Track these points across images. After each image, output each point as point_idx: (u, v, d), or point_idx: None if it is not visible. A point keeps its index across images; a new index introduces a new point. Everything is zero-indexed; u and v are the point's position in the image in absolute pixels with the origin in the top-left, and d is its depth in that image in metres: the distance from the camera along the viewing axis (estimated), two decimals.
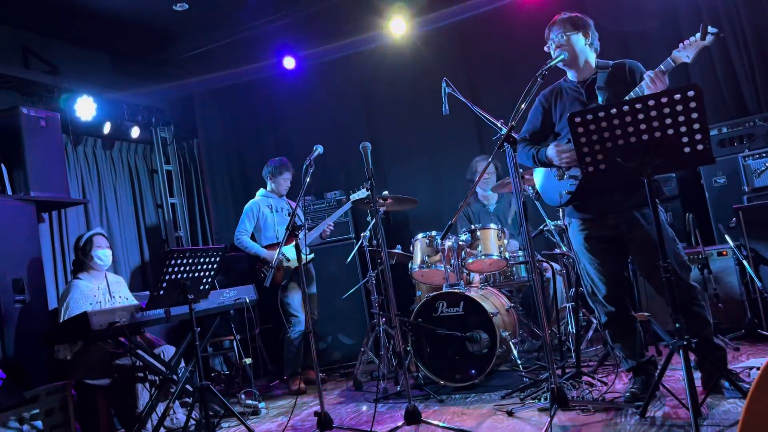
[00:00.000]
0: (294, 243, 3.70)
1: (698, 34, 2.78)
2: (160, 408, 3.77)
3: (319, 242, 5.41)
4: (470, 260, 4.38)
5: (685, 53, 2.83)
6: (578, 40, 3.12)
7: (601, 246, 3.18)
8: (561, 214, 4.25)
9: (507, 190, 4.80)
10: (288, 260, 4.98)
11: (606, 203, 3.09)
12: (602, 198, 3.08)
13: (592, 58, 3.17)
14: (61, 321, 3.90)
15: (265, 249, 5.06)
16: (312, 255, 5.24)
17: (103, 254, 4.21)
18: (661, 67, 2.87)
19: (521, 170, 3.23)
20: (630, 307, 3.27)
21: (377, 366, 4.54)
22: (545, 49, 3.20)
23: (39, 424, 3.51)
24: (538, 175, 3.42)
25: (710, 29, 2.75)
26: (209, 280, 3.73)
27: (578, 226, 3.24)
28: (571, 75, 3.24)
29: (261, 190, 5.30)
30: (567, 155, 3.06)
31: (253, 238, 5.16)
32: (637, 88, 2.92)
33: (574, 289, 4.04)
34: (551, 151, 3.13)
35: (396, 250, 4.99)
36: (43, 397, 3.62)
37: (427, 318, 4.20)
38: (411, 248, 4.69)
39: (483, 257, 4.36)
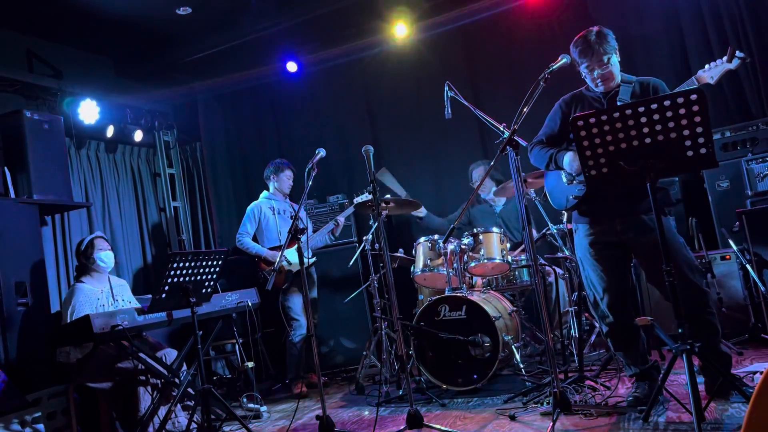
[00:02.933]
0: (296, 246, 3.70)
1: (725, 57, 2.78)
2: (162, 411, 3.77)
3: (323, 245, 5.41)
4: (473, 264, 4.38)
5: (709, 74, 2.84)
6: (615, 61, 3.09)
7: (606, 252, 3.16)
8: (565, 218, 4.25)
9: (510, 194, 4.80)
10: (289, 263, 4.98)
11: (614, 208, 3.07)
12: (610, 203, 3.07)
13: (619, 73, 3.15)
14: (66, 323, 3.90)
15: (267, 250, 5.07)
16: (314, 258, 5.24)
17: (105, 256, 4.21)
18: (685, 87, 2.86)
19: (523, 174, 3.24)
20: (633, 315, 3.24)
21: (379, 370, 4.53)
22: (596, 73, 3.06)
23: (41, 427, 3.52)
24: (549, 177, 3.41)
25: (738, 54, 2.76)
26: (211, 283, 3.73)
27: (585, 231, 3.22)
28: (594, 86, 3.21)
29: (264, 192, 5.31)
30: (577, 164, 3.04)
31: (255, 240, 5.16)
32: None
33: (576, 293, 4.03)
34: (568, 157, 3.10)
35: (398, 254, 4.98)
36: (45, 400, 3.63)
37: (430, 322, 4.19)
38: (413, 252, 4.69)
39: (485, 261, 4.35)
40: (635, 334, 3.22)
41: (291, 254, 4.95)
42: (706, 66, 2.86)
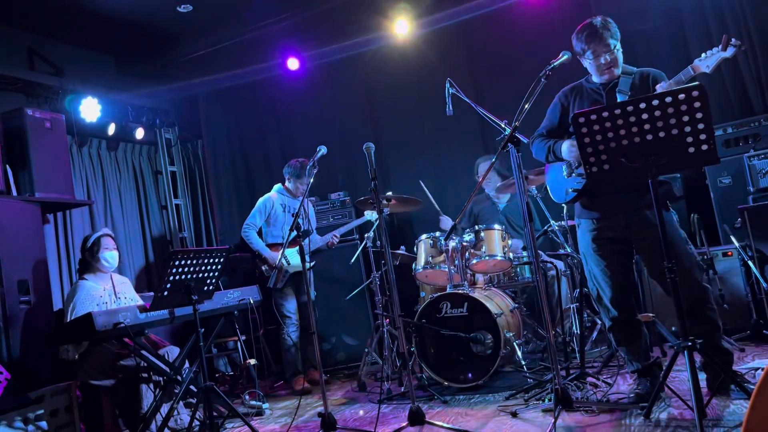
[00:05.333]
0: (297, 247, 3.69)
1: (720, 46, 2.77)
2: (165, 409, 3.78)
3: (325, 249, 5.42)
4: (474, 261, 4.38)
5: (705, 63, 2.83)
6: (620, 49, 3.10)
7: (609, 248, 3.16)
8: (564, 214, 4.24)
9: (512, 190, 4.79)
10: (288, 264, 4.96)
11: (617, 203, 3.08)
12: (613, 197, 3.07)
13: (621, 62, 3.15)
14: (67, 321, 3.91)
15: (269, 248, 5.06)
16: (313, 262, 5.21)
17: (110, 256, 4.21)
18: (681, 76, 2.86)
19: (525, 171, 3.24)
20: (636, 311, 3.25)
21: (381, 367, 4.54)
22: (577, 51, 3.10)
23: (44, 424, 3.52)
24: (549, 171, 3.41)
25: (733, 41, 2.75)
26: (213, 280, 3.73)
27: (588, 226, 3.22)
28: (595, 77, 3.21)
29: (278, 186, 5.27)
30: (576, 150, 3.05)
31: (259, 231, 5.15)
32: None
33: (578, 290, 4.03)
34: (566, 145, 3.12)
35: (400, 251, 4.98)
36: (48, 398, 3.63)
37: (431, 319, 4.20)
38: (415, 249, 4.69)
39: (487, 258, 4.35)
40: (638, 330, 3.22)
41: (292, 255, 4.93)
42: (702, 55, 2.85)
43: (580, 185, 3.12)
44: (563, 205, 3.71)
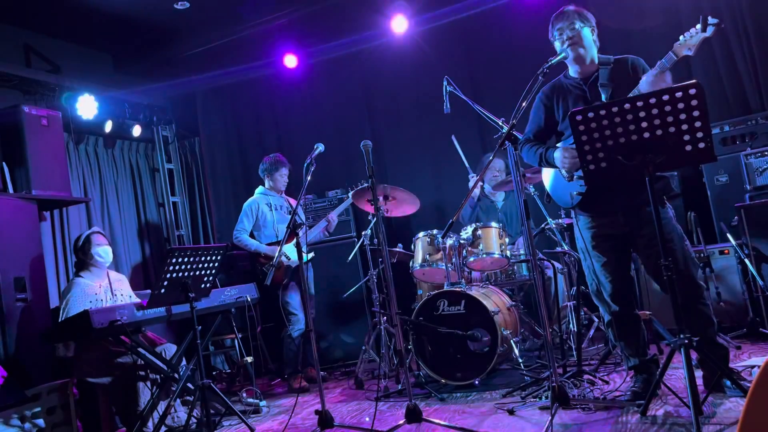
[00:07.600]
0: (295, 242, 3.70)
1: (699, 26, 2.77)
2: (162, 406, 3.78)
3: (321, 239, 5.41)
4: (471, 259, 4.38)
5: (686, 46, 2.82)
6: (588, 34, 3.11)
7: (608, 244, 3.17)
8: (562, 212, 4.25)
9: (509, 188, 4.80)
10: (288, 259, 4.98)
11: (617, 200, 3.07)
12: (613, 195, 3.06)
13: (596, 54, 3.16)
14: (60, 319, 3.90)
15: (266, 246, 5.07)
16: (312, 254, 5.23)
17: (103, 251, 4.21)
18: (664, 62, 2.85)
19: (522, 169, 3.23)
20: (635, 305, 3.26)
21: (378, 364, 4.54)
22: (551, 39, 3.15)
23: (41, 422, 3.52)
24: (547, 176, 3.39)
25: (710, 20, 2.75)
26: (210, 278, 3.73)
27: (586, 223, 3.22)
28: (572, 71, 3.22)
29: (259, 188, 5.30)
30: (569, 160, 3.05)
31: (252, 236, 5.15)
32: (635, 90, 2.91)
33: (575, 288, 4.04)
34: (558, 154, 3.12)
35: (397, 249, 4.98)
36: (45, 396, 3.63)
37: (429, 316, 4.20)
38: (412, 247, 4.69)
39: (484, 256, 4.35)
40: (637, 324, 3.23)
41: (290, 250, 4.95)
42: (681, 38, 2.83)
43: (584, 188, 3.09)
44: (571, 209, 3.69)
